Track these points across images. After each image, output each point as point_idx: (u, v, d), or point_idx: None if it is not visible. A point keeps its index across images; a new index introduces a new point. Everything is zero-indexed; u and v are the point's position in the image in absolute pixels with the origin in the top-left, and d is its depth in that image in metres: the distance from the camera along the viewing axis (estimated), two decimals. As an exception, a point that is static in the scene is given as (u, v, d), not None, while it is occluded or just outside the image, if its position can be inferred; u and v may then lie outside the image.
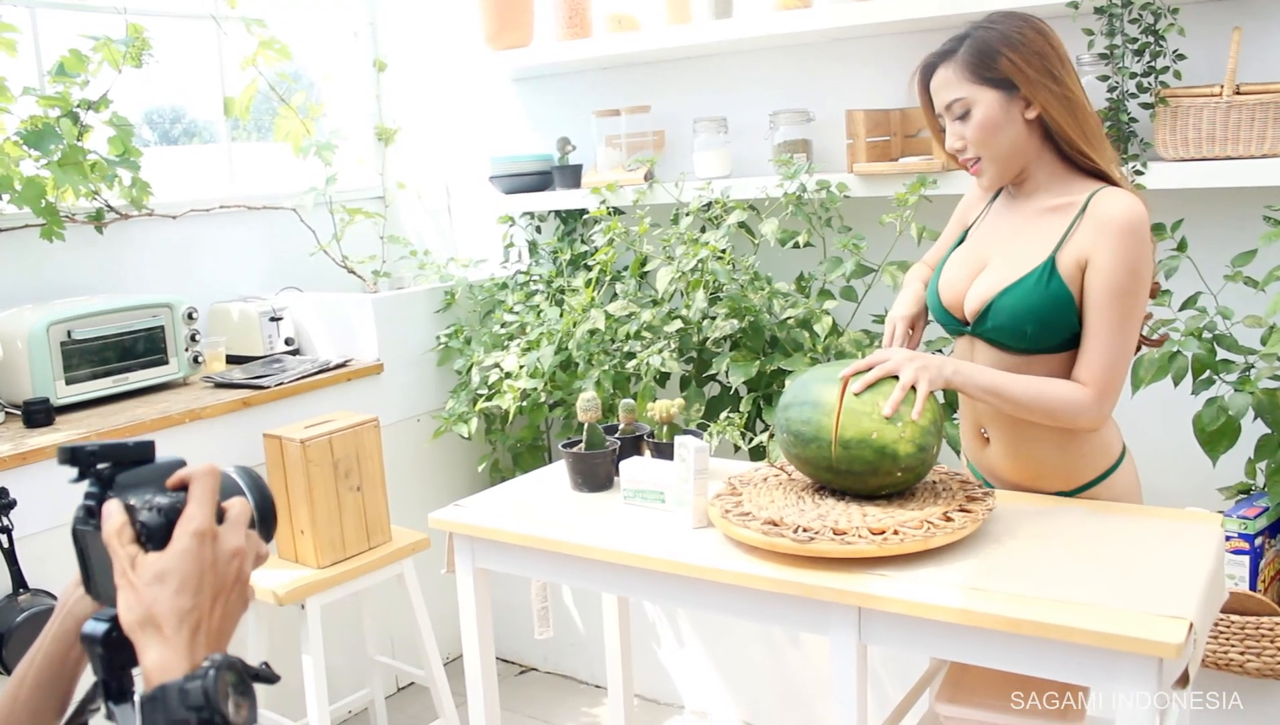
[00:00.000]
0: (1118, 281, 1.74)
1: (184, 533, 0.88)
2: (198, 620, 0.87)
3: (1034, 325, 1.80)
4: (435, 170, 3.87)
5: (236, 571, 0.91)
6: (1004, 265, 1.86)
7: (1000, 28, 1.82)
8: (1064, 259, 1.78)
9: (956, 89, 1.81)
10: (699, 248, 2.85)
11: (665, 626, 3.23)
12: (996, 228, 1.95)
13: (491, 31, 3.39)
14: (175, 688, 0.82)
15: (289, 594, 2.59)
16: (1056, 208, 1.84)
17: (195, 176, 3.57)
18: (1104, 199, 1.78)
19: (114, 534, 0.88)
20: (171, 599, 0.86)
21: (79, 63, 2.83)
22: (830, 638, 1.66)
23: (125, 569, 0.87)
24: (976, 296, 1.87)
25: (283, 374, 3.06)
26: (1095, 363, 1.77)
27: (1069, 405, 1.77)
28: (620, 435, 2.26)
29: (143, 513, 0.89)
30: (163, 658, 0.84)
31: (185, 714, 0.81)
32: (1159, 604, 1.46)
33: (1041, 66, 1.79)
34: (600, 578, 1.93)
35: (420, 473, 3.46)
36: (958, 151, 1.87)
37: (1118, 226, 1.73)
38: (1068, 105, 1.80)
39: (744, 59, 3.20)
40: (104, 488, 0.91)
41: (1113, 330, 1.76)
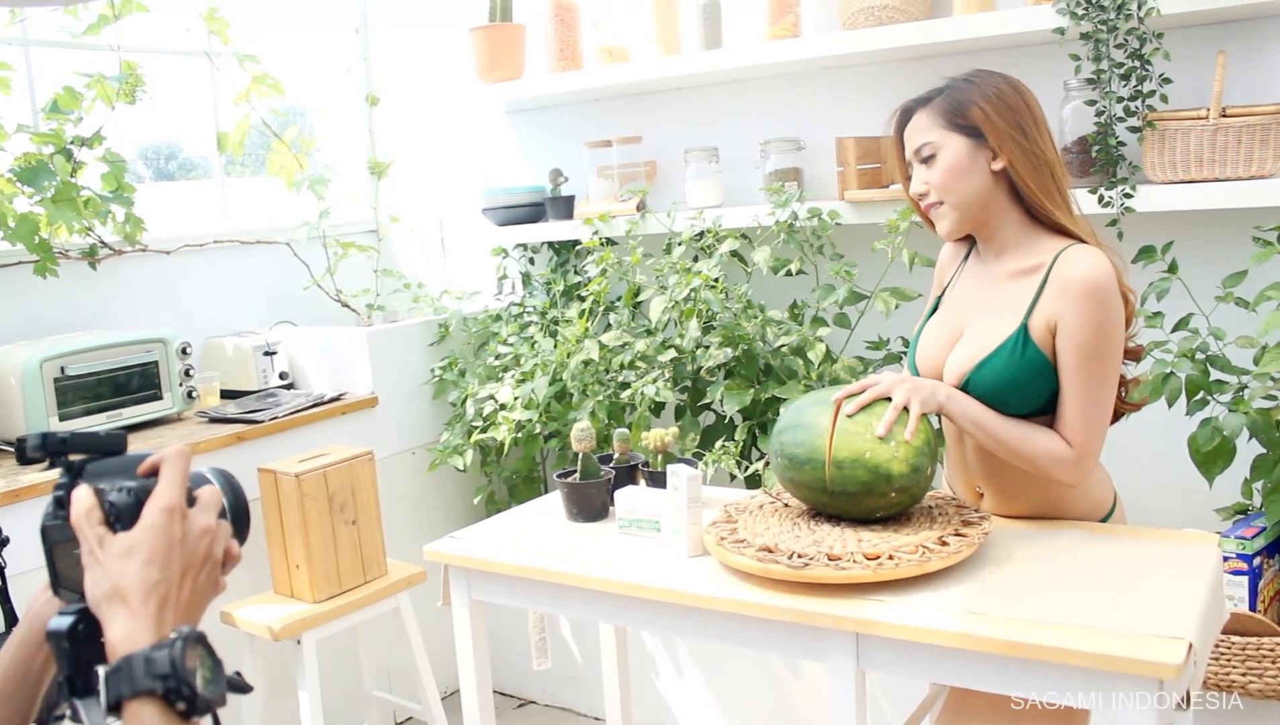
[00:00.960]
0: (1085, 343, 1.74)
1: (153, 508, 0.88)
2: (166, 594, 0.85)
3: (1014, 395, 1.80)
4: (428, 203, 3.88)
5: (206, 550, 0.89)
6: (978, 335, 1.86)
7: (978, 82, 1.84)
8: (1035, 325, 1.78)
9: (926, 133, 1.84)
10: (692, 277, 2.86)
11: (663, 656, 3.21)
12: (968, 293, 1.94)
13: (483, 65, 3.41)
14: (141, 656, 0.80)
15: (284, 629, 2.57)
16: (1025, 271, 1.83)
17: (188, 212, 3.58)
18: (1068, 260, 1.77)
19: (82, 516, 0.87)
20: (139, 571, 0.85)
21: (73, 100, 2.85)
22: (828, 664, 1.65)
23: (93, 548, 0.86)
24: (954, 370, 1.87)
25: (277, 408, 3.05)
26: (1073, 423, 1.77)
27: (1050, 458, 1.77)
28: (615, 465, 2.25)
29: (111, 494, 0.88)
30: (129, 628, 0.83)
31: (150, 683, 0.79)
32: (1158, 625, 1.45)
33: (1013, 120, 1.80)
34: (597, 608, 1.92)
35: (416, 506, 3.45)
36: (920, 196, 1.87)
37: (1080, 289, 1.73)
38: (1034, 161, 1.80)
39: (734, 89, 3.22)
40: (74, 478, 0.90)
41: (1087, 393, 1.76)
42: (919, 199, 1.88)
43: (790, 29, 2.95)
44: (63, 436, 0.89)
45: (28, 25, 2.97)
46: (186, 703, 0.80)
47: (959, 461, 2.00)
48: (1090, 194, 2.49)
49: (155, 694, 0.80)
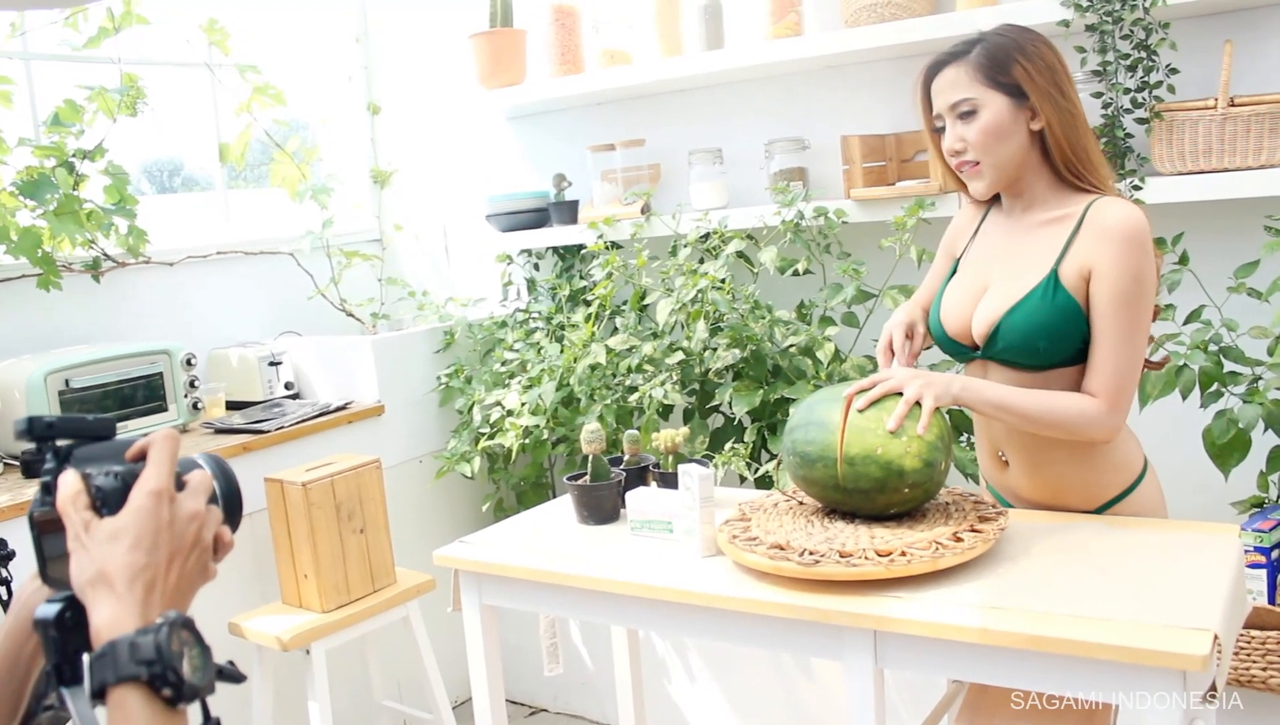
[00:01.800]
0: (1123, 289, 1.72)
1: (140, 492, 0.86)
2: (152, 578, 0.84)
3: (1046, 340, 1.77)
4: (432, 211, 3.87)
5: (195, 535, 0.88)
6: (1006, 284, 1.84)
7: (1014, 37, 1.81)
8: (1066, 270, 1.77)
9: (965, 89, 1.79)
10: (698, 278, 2.84)
11: (675, 661, 3.18)
12: (992, 248, 1.92)
13: (485, 71, 3.40)
14: (126, 642, 0.79)
15: (293, 640, 2.55)
16: (1053, 220, 1.82)
17: (192, 223, 3.57)
18: (1103, 207, 1.77)
19: (69, 501, 0.85)
20: (125, 555, 0.83)
21: (74, 113, 2.84)
22: (845, 663, 1.63)
23: (78, 533, 0.84)
24: (983, 319, 1.84)
25: (283, 418, 3.04)
26: (1105, 372, 1.74)
27: (1080, 417, 1.74)
28: (625, 467, 2.23)
29: (98, 478, 0.86)
30: (114, 613, 0.81)
31: (135, 668, 0.78)
32: (1182, 617, 1.43)
33: (1051, 79, 1.78)
34: (610, 610, 1.90)
35: (424, 514, 3.43)
36: (957, 152, 1.83)
37: (1119, 234, 1.72)
38: (1072, 121, 1.80)
39: (737, 89, 3.21)
40: (61, 463, 0.88)
41: (1120, 339, 1.73)
42: (953, 155, 1.84)
43: (792, 28, 2.93)
44: (50, 420, 0.88)
45: (28, 39, 2.96)
46: (172, 689, 0.78)
47: (980, 431, 1.98)
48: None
49: (140, 680, 0.78)
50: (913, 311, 2.04)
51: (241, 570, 2.88)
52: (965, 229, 2.03)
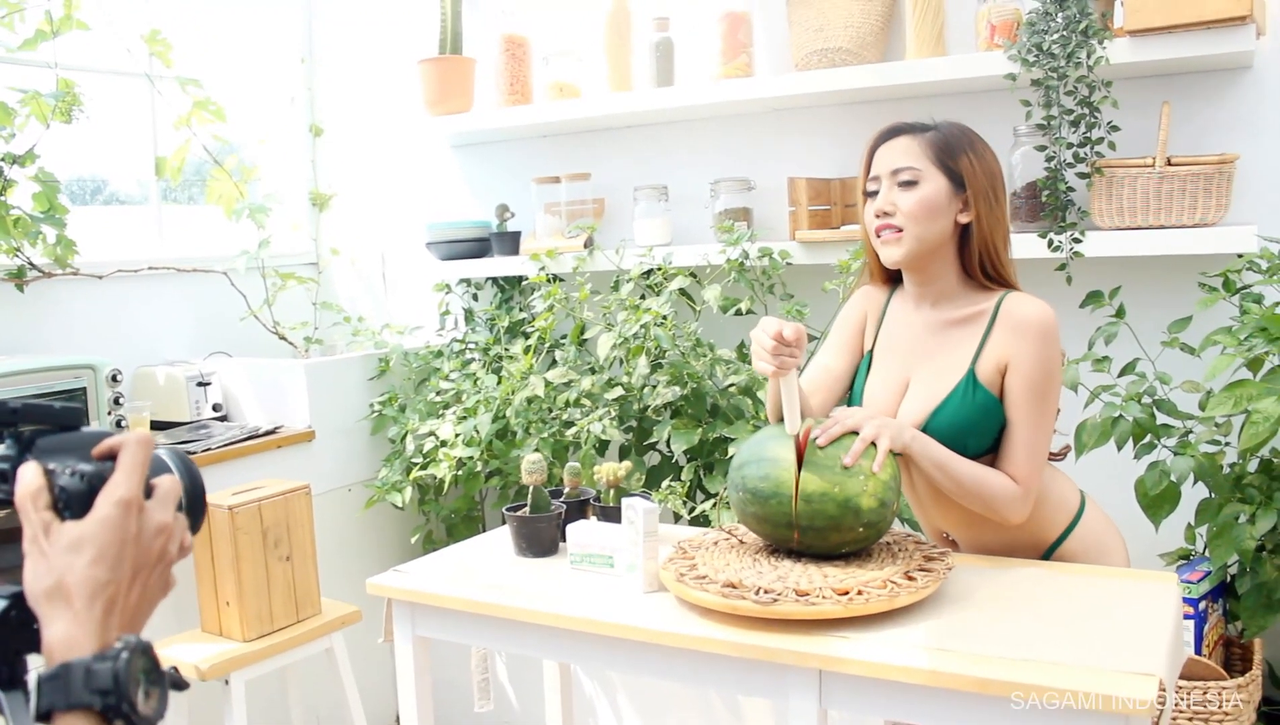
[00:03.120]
0: (1036, 381, 1.80)
1: (107, 500, 0.80)
2: (113, 596, 0.78)
3: (972, 437, 1.84)
4: (370, 236, 3.82)
5: (160, 550, 0.83)
6: (926, 385, 1.88)
7: (967, 133, 1.88)
8: (983, 367, 1.83)
9: (914, 158, 1.84)
10: (641, 313, 2.83)
11: (603, 702, 3.13)
12: (905, 343, 1.95)
13: (431, 97, 3.37)
14: (81, 666, 0.74)
15: (212, 669, 2.47)
16: (965, 318, 1.87)
17: (123, 237, 3.47)
18: (1016, 303, 1.83)
19: (28, 498, 0.79)
20: (86, 569, 0.77)
21: (5, 116, 2.75)
22: (790, 702, 1.61)
23: (37, 535, 0.79)
24: (908, 419, 1.88)
25: (210, 440, 2.95)
26: (1019, 458, 1.81)
27: (1002, 495, 1.80)
28: (565, 499, 2.20)
29: (63, 477, 0.80)
30: (70, 633, 0.76)
31: (89, 697, 0.73)
32: (1127, 662, 1.43)
33: (991, 183, 1.86)
34: (550, 645, 1.86)
35: (351, 543, 3.35)
36: (886, 214, 1.85)
37: (1033, 330, 1.79)
38: (998, 225, 1.87)
39: (685, 127, 3.22)
40: (22, 451, 0.82)
41: (1032, 427, 1.81)
42: (880, 216, 1.86)
43: (743, 69, 2.96)
44: (14, 406, 0.82)
45: (-40, 39, 2.87)
46: (125, 721, 0.74)
47: (923, 517, 2.02)
48: (1040, 238, 2.52)
49: (92, 709, 0.73)
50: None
51: (159, 596, 2.78)
52: (872, 309, 2.02)
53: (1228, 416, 2.29)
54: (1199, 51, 2.36)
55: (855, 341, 2.05)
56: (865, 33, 2.76)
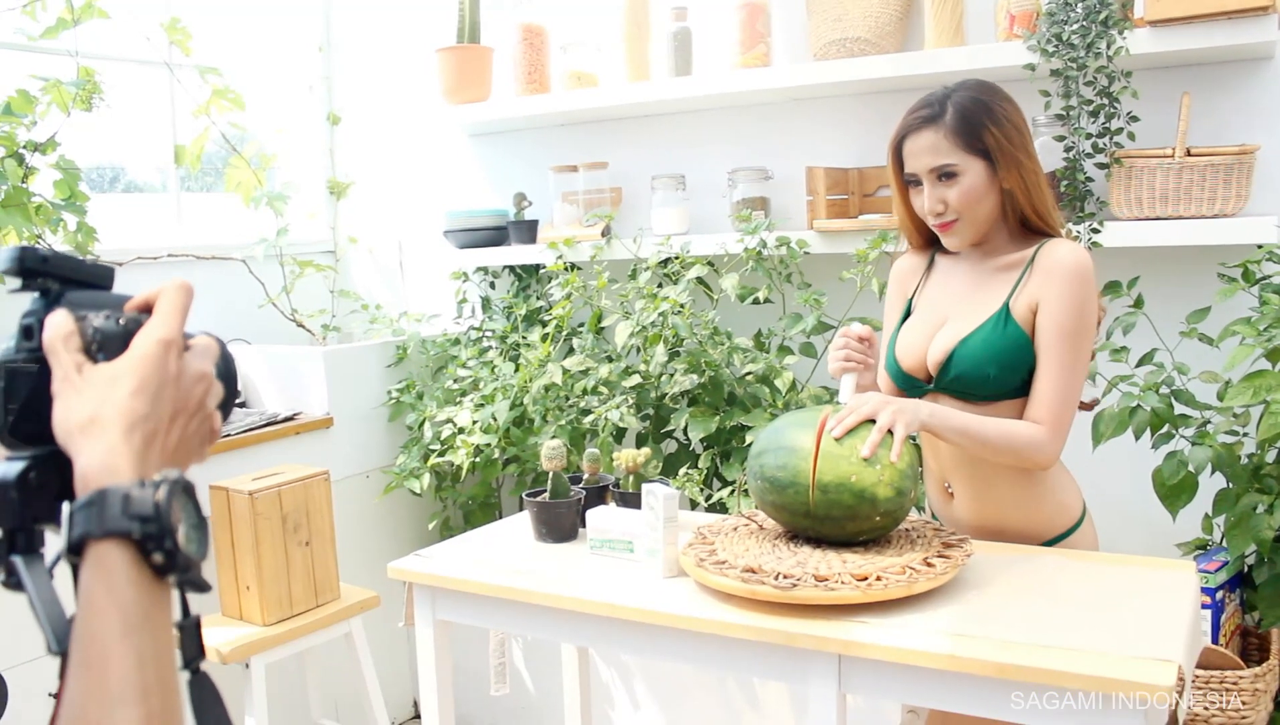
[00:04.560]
0: (1066, 321, 1.81)
1: (148, 338, 0.75)
2: (153, 430, 0.72)
3: (996, 367, 1.84)
4: (388, 224, 3.83)
5: (200, 398, 0.77)
6: (962, 319, 1.91)
7: (981, 98, 1.86)
8: (1017, 305, 1.86)
9: (946, 155, 1.84)
10: (659, 302, 2.84)
11: (620, 687, 3.15)
12: (948, 288, 1.98)
13: (449, 86, 3.38)
14: (119, 492, 0.68)
15: (233, 652, 2.49)
16: (1008, 265, 1.91)
17: (143, 224, 3.49)
18: (1051, 248, 1.86)
19: (59, 339, 0.73)
20: (126, 400, 0.72)
21: (27, 103, 2.77)
22: (809, 687, 1.62)
23: (69, 374, 0.72)
24: (938, 348, 1.91)
25: (229, 426, 2.97)
26: (1047, 400, 1.82)
27: (1028, 443, 1.81)
28: (585, 485, 2.21)
29: (96, 320, 0.75)
30: (108, 459, 0.69)
31: (127, 523, 0.67)
32: (1146, 648, 1.44)
33: (1020, 144, 1.86)
34: (570, 629, 1.88)
35: (369, 529, 3.37)
36: (938, 213, 1.88)
37: (1065, 270, 1.82)
38: (1035, 180, 1.88)
39: (703, 117, 3.22)
40: (49, 305, 0.76)
41: (1063, 368, 1.82)
42: (933, 215, 1.89)
43: (761, 59, 2.96)
44: (44, 253, 0.76)
45: (-17, 27, 2.89)
46: (166, 555, 0.68)
47: (929, 462, 2.03)
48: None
49: (130, 538, 0.67)
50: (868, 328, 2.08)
51: (180, 580, 2.80)
52: (913, 271, 2.09)
53: (1246, 407, 2.29)
54: (1220, 42, 2.35)
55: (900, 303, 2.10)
56: (884, 22, 2.76)
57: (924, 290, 2.03)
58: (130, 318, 0.77)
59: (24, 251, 0.75)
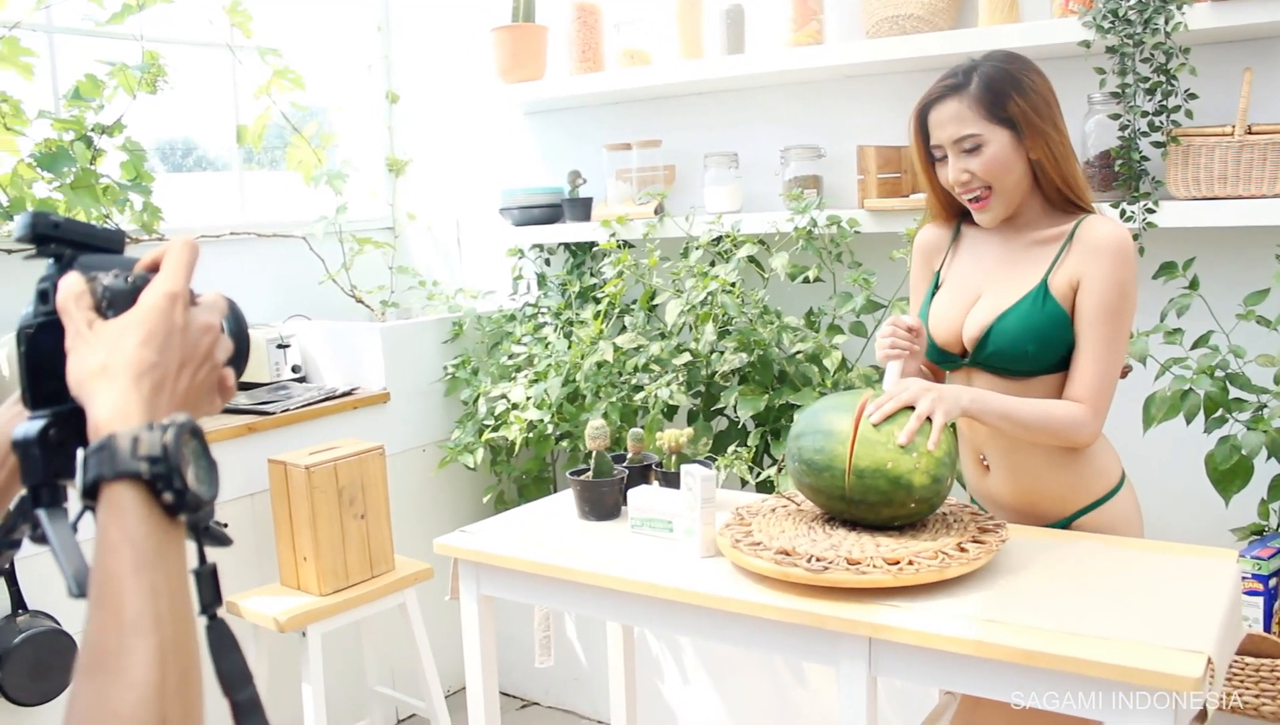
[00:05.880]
0: (1108, 300, 1.80)
1: (154, 292, 0.78)
2: (161, 378, 0.75)
3: (1034, 344, 1.84)
4: (445, 201, 3.88)
5: (207, 349, 0.80)
6: (998, 293, 1.91)
7: (1007, 68, 1.85)
8: (1056, 281, 1.85)
9: (970, 124, 1.84)
10: (709, 281, 2.85)
11: (669, 661, 3.19)
12: (980, 261, 1.98)
13: (504, 65, 3.41)
14: (129, 435, 0.71)
15: (290, 621, 2.56)
16: (1045, 240, 1.90)
17: (206, 203, 3.58)
18: (1092, 224, 1.85)
19: (70, 299, 0.77)
20: (135, 349, 0.75)
21: (94, 87, 2.85)
22: (839, 669, 1.64)
23: (80, 330, 0.76)
24: (975, 323, 1.91)
25: (289, 401, 3.05)
26: (1088, 379, 1.82)
27: (1069, 423, 1.81)
28: (628, 464, 2.24)
29: (106, 279, 0.78)
30: (118, 405, 0.73)
31: (136, 464, 0.70)
32: (1176, 638, 1.44)
33: (1047, 115, 1.85)
34: (607, 606, 1.91)
35: (425, 503, 3.44)
36: (964, 184, 1.87)
37: (1107, 248, 1.81)
38: (1063, 152, 1.87)
39: (756, 95, 3.21)
40: (63, 269, 0.80)
41: (1103, 346, 1.81)
42: (960, 186, 1.88)
43: (813, 36, 2.94)
44: (55, 219, 0.79)
45: (52, 12, 2.97)
46: (175, 494, 0.71)
47: (963, 436, 2.03)
48: (1112, 208, 2.48)
49: (140, 478, 0.70)
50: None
51: (242, 550, 2.89)
52: (938, 243, 2.08)
53: (1303, 391, 2.25)
54: (1283, 16, 2.29)
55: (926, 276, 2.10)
56: (938, -2, 2.73)
57: (952, 262, 2.03)
58: (138, 275, 0.80)
59: (36, 218, 0.78)
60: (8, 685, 2.38)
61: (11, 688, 2.39)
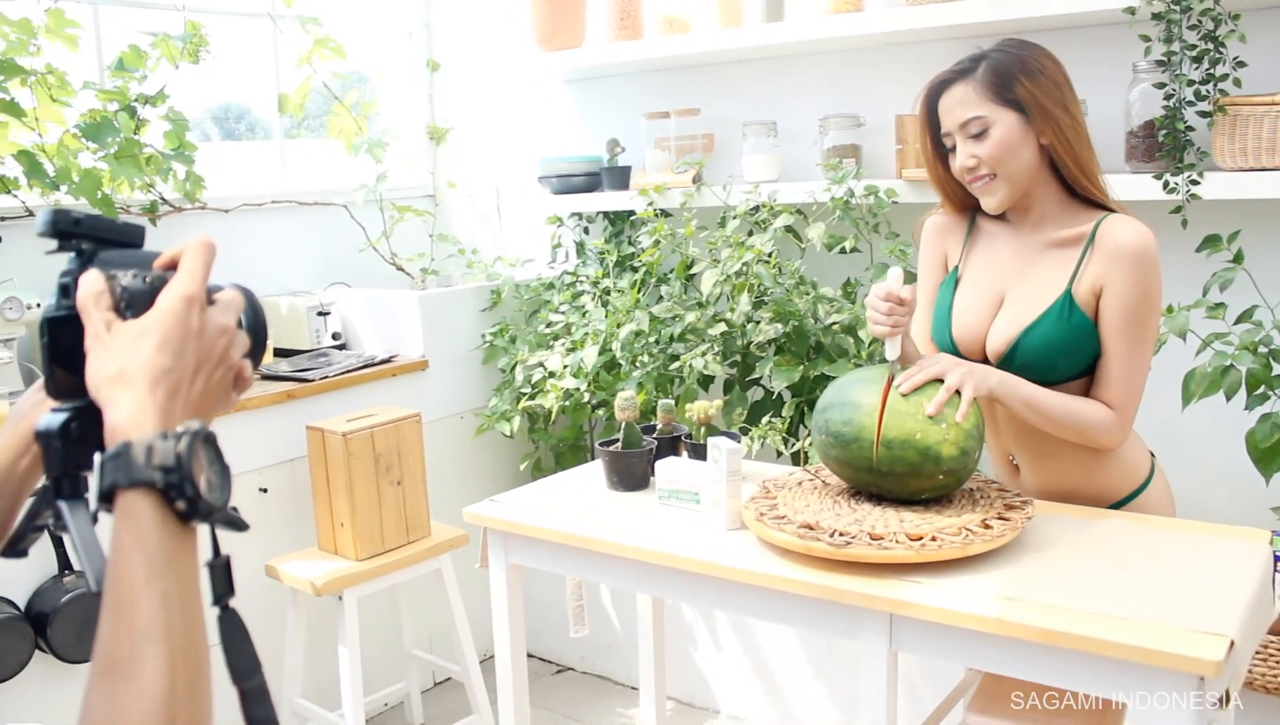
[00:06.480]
0: (1133, 306, 1.78)
1: (171, 295, 0.79)
2: (176, 383, 0.77)
3: (1063, 358, 1.83)
4: (485, 170, 3.89)
5: (223, 351, 0.82)
6: (1021, 302, 1.88)
7: (1016, 53, 1.83)
8: (1080, 290, 1.82)
9: (975, 107, 1.82)
10: (744, 251, 2.84)
11: (703, 630, 3.21)
12: (999, 259, 1.94)
13: (544, 33, 3.40)
14: (144, 444, 0.73)
15: (327, 585, 2.61)
16: (1064, 241, 1.86)
17: (248, 171, 3.62)
18: (1113, 227, 1.81)
19: (90, 299, 0.78)
20: (151, 355, 0.77)
21: (138, 58, 2.88)
22: (860, 644, 1.64)
23: (99, 332, 0.78)
24: (1000, 336, 1.88)
25: (328, 368, 3.09)
26: (1116, 385, 1.80)
27: (1096, 425, 1.80)
28: (658, 435, 2.25)
29: (125, 279, 0.80)
30: (133, 412, 0.75)
31: (150, 473, 0.72)
32: (1199, 620, 1.42)
33: (1058, 99, 1.82)
34: (632, 576, 1.93)
35: (462, 469, 3.47)
36: (969, 170, 1.85)
37: (1130, 253, 1.77)
38: (1076, 137, 1.83)
39: (795, 62, 3.18)
40: (84, 265, 0.82)
41: (1130, 353, 1.79)
42: (967, 172, 1.85)
43: (853, 3, 2.90)
44: (76, 216, 0.80)
45: (97, -18, 3.01)
46: (187, 503, 0.73)
47: (991, 436, 2.01)
48: (1155, 180, 2.43)
49: (154, 487, 0.72)
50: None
51: (280, 515, 2.95)
52: (953, 231, 2.04)
53: (1348, 368, 2.20)
54: (1336, -19, 2.22)
55: (940, 275, 2.06)
56: (980, -36, 2.67)
57: (970, 257, 2.00)
58: (156, 276, 0.81)
59: (57, 215, 0.80)
60: (55, 643, 2.45)
61: (59, 645, 2.46)
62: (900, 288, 1.86)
